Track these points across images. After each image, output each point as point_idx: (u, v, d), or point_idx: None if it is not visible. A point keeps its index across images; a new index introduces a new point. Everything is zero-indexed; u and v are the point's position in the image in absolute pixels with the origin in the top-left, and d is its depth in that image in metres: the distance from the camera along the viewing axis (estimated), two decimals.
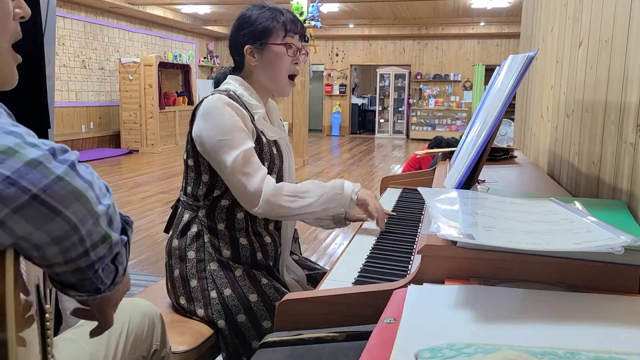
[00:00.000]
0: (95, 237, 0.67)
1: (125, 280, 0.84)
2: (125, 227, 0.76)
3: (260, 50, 1.49)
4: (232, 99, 1.43)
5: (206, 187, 1.48)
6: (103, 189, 0.70)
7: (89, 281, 0.71)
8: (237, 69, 1.57)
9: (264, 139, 1.49)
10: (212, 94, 1.45)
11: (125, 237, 0.74)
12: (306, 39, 1.59)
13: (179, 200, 1.58)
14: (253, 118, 1.48)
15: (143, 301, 1.23)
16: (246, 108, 1.47)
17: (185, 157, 1.51)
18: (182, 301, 1.49)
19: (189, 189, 1.51)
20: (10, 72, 0.75)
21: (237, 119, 1.40)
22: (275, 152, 1.52)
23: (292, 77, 1.54)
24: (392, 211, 1.61)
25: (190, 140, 1.46)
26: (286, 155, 1.56)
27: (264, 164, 1.47)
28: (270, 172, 1.49)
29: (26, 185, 0.59)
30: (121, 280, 0.77)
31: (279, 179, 1.53)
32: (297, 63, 1.53)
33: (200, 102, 1.46)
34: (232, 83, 1.52)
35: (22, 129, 0.64)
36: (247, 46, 1.49)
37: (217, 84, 1.59)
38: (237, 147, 1.38)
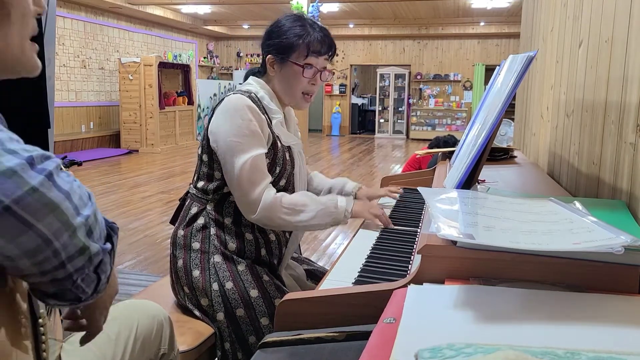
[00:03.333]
0: (71, 249, 0.65)
1: (112, 283, 0.83)
2: (111, 233, 0.74)
3: (280, 64, 1.51)
4: (253, 101, 1.46)
5: (218, 183, 1.50)
6: (84, 198, 0.68)
7: (69, 291, 0.69)
8: (262, 71, 1.59)
9: (279, 144, 1.51)
10: (233, 93, 1.47)
11: (109, 246, 0.72)
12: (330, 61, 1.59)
13: (187, 193, 1.60)
14: (271, 122, 1.50)
15: (152, 304, 1.22)
16: (265, 112, 1.49)
17: (199, 152, 1.54)
18: (186, 290, 1.50)
19: (201, 183, 1.53)
20: (34, 60, 0.74)
21: (254, 122, 1.43)
22: (288, 157, 1.54)
23: (308, 94, 1.56)
24: (399, 188, 1.76)
25: (207, 136, 1.49)
26: (298, 161, 1.59)
27: (276, 169, 1.50)
28: (281, 177, 1.52)
29: None
30: (104, 289, 0.75)
31: (289, 183, 1.56)
32: (314, 84, 1.54)
33: (221, 100, 1.48)
34: (254, 85, 1.54)
35: (4, 135, 0.62)
36: (269, 55, 1.52)
37: (245, 78, 1.61)
38: (247, 152, 1.41)
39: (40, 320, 0.77)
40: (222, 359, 1.47)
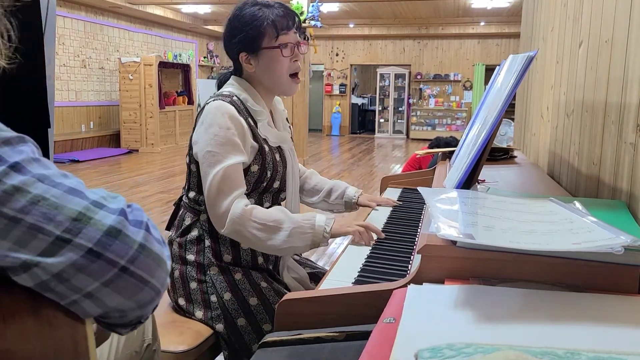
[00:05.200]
0: (164, 289, 0.68)
1: None
2: None
3: (255, 56, 1.45)
4: (235, 106, 1.41)
5: None
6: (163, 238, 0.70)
7: (138, 317, 0.72)
8: (239, 72, 1.53)
9: (267, 148, 1.46)
10: (214, 100, 1.42)
11: None
12: (303, 33, 1.54)
13: (181, 198, 1.58)
14: (257, 125, 1.46)
15: None
16: (250, 115, 1.45)
17: (187, 161, 1.50)
18: (182, 302, 1.49)
19: (192, 194, 1.50)
20: None
21: (232, 130, 1.37)
22: (278, 158, 1.50)
23: (294, 75, 1.50)
24: (397, 200, 1.69)
25: (191, 145, 1.45)
26: (289, 161, 1.54)
27: (267, 173, 1.46)
28: (274, 179, 1.48)
29: (113, 258, 0.58)
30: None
31: (282, 184, 1.52)
32: (296, 60, 1.48)
33: (204, 106, 1.43)
34: (236, 85, 1.49)
35: (74, 180, 0.62)
36: (241, 53, 1.46)
37: (219, 86, 1.57)
38: (220, 162, 1.35)
39: None
40: None
